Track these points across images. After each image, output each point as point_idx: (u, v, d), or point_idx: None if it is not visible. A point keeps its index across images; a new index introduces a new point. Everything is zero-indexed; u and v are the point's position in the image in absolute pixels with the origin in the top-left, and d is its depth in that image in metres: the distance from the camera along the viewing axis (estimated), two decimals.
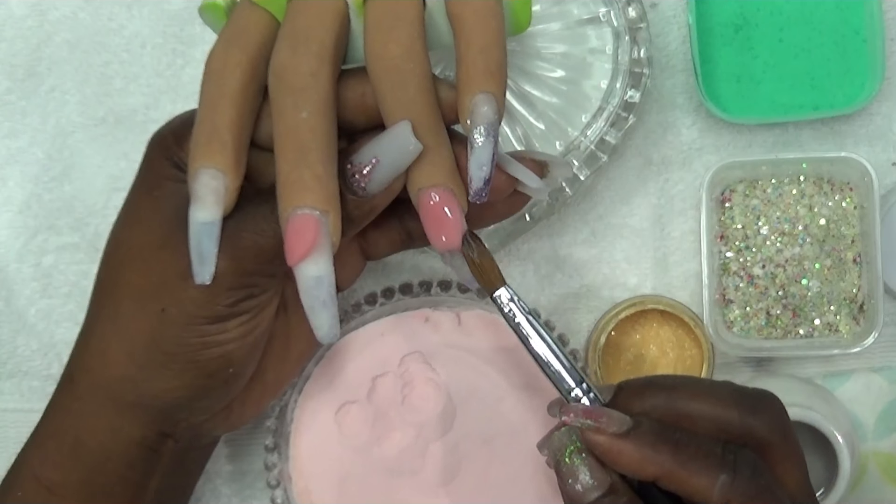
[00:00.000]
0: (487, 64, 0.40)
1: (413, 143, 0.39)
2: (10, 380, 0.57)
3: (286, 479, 0.51)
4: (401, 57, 0.39)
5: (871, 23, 0.55)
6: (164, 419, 0.43)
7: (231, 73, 0.40)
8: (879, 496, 0.56)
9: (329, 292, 0.39)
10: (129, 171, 0.56)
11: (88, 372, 0.43)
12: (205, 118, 0.40)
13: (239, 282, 0.41)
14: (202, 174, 0.40)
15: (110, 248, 0.44)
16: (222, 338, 0.42)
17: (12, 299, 0.57)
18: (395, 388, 0.51)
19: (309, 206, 0.38)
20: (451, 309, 0.52)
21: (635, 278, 0.57)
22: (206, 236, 0.40)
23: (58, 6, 0.57)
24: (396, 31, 0.39)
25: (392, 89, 0.39)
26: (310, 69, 0.39)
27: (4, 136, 0.57)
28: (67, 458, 0.43)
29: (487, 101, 0.39)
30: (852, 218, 0.55)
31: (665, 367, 0.55)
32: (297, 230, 0.38)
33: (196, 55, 0.57)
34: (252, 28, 0.41)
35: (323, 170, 0.39)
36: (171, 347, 0.41)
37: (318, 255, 0.39)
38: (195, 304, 0.41)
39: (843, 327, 0.55)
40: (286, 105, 0.39)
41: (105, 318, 0.43)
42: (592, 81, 0.53)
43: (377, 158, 0.39)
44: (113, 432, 0.43)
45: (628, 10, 0.52)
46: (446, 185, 0.40)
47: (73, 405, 0.43)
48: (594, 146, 0.52)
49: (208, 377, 0.43)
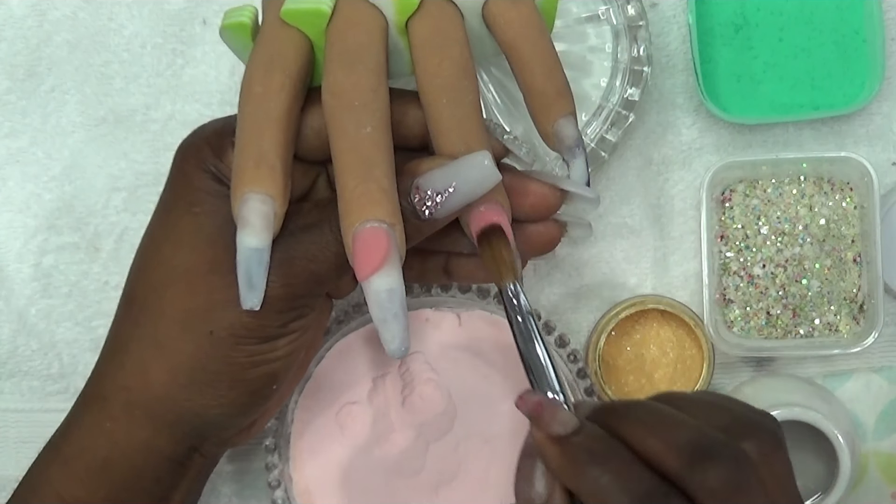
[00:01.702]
0: (556, 88, 0.42)
1: (494, 175, 0.39)
2: (10, 380, 0.57)
3: (287, 480, 0.51)
4: (455, 74, 0.40)
5: (871, 23, 0.55)
6: (197, 435, 0.43)
7: (276, 97, 0.40)
8: (879, 496, 0.56)
9: (401, 304, 0.39)
10: (129, 171, 0.57)
11: (125, 390, 0.42)
12: (250, 142, 0.40)
13: (290, 305, 0.41)
14: (252, 199, 0.39)
15: (148, 265, 0.43)
16: (271, 356, 0.42)
17: (12, 299, 0.57)
18: (395, 389, 0.51)
19: (378, 219, 0.38)
20: (451, 309, 0.52)
21: (635, 278, 0.57)
22: (255, 263, 0.40)
23: (58, 6, 0.57)
24: (448, 49, 0.41)
25: (448, 105, 0.40)
26: (370, 85, 0.40)
27: (4, 136, 0.57)
28: (95, 477, 0.42)
29: (568, 123, 0.42)
30: (852, 218, 0.55)
31: (665, 367, 0.55)
32: (367, 244, 0.38)
33: (196, 55, 0.57)
34: (290, 49, 0.41)
35: (388, 183, 0.39)
36: (219, 367, 0.41)
37: (390, 268, 0.38)
38: (246, 327, 0.41)
39: (843, 327, 0.55)
40: (347, 122, 0.39)
41: (144, 339, 0.42)
42: (592, 79, 0.53)
43: (455, 187, 0.39)
44: (146, 450, 0.42)
45: (627, 7, 0.52)
46: (497, 200, 0.41)
47: (105, 424, 0.42)
48: (594, 144, 0.52)
49: (252, 394, 0.42)
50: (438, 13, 0.41)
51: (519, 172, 0.44)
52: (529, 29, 0.42)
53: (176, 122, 0.57)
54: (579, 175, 0.43)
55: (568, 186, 0.43)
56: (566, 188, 0.43)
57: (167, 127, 0.57)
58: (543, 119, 0.42)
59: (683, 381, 0.55)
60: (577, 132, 0.43)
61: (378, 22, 0.41)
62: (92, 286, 0.57)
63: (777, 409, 0.51)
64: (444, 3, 0.42)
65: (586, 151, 0.43)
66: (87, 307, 0.57)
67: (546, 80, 0.42)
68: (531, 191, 0.43)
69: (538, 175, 0.43)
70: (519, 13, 0.42)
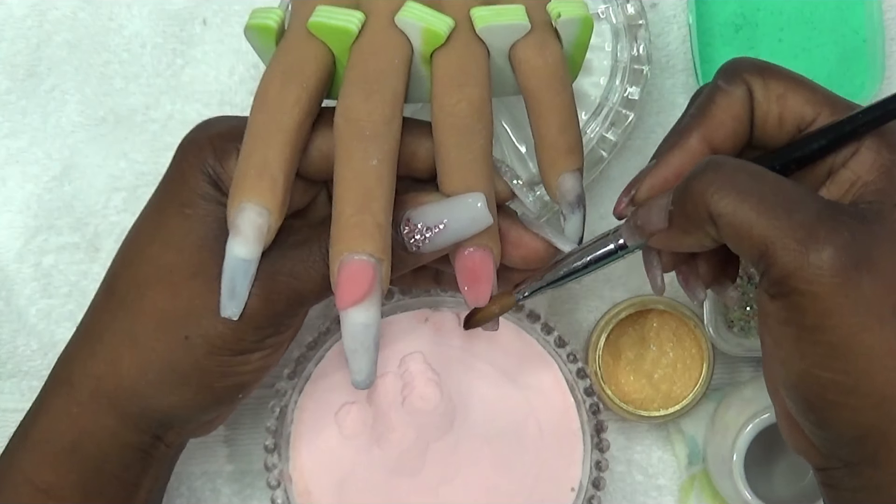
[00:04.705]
0: (568, 143, 0.42)
1: (486, 218, 0.39)
2: (10, 380, 0.57)
3: (286, 480, 0.51)
4: (471, 116, 0.40)
5: (871, 23, 0.55)
6: (160, 426, 0.43)
7: (290, 109, 0.40)
8: None
9: (374, 339, 0.39)
10: (129, 171, 0.57)
11: (94, 379, 0.42)
12: (256, 150, 0.40)
13: (268, 321, 0.41)
14: (248, 209, 0.39)
15: (133, 260, 0.43)
16: (243, 369, 0.42)
17: (12, 299, 0.57)
18: (395, 389, 0.51)
19: (368, 252, 0.38)
20: (451, 309, 0.52)
21: (635, 278, 0.57)
22: (241, 273, 0.40)
23: (58, 6, 0.57)
24: (468, 88, 0.40)
25: (458, 145, 0.40)
26: (383, 117, 0.39)
27: (4, 136, 0.57)
28: (64, 461, 0.43)
29: (573, 178, 0.42)
30: None
31: (665, 367, 0.55)
32: (352, 275, 0.38)
33: (196, 55, 0.57)
34: (310, 63, 0.41)
35: (384, 219, 0.39)
36: (189, 372, 0.41)
37: (370, 303, 0.38)
38: (221, 337, 0.41)
39: None
40: (355, 150, 0.39)
41: (119, 332, 0.42)
42: (592, 79, 0.53)
43: (445, 224, 0.39)
44: (111, 437, 0.43)
45: (627, 6, 0.52)
46: (487, 246, 0.41)
47: (72, 409, 0.43)
48: (595, 144, 0.52)
49: (217, 401, 0.43)
50: (464, 50, 0.41)
51: (517, 221, 0.43)
52: (553, 80, 0.42)
53: (176, 122, 0.57)
54: (574, 231, 0.43)
55: (563, 246, 0.43)
56: (560, 248, 0.43)
57: (167, 127, 0.57)
58: (550, 170, 0.42)
59: (683, 381, 0.55)
60: (581, 189, 0.43)
61: (403, 50, 0.41)
62: (92, 286, 0.56)
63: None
64: (471, 40, 0.41)
65: (585, 210, 0.43)
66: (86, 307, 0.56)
67: (559, 134, 0.42)
68: (525, 243, 0.43)
69: (536, 227, 0.43)
70: (545, 63, 0.42)
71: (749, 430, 0.51)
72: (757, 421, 0.51)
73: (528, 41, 0.42)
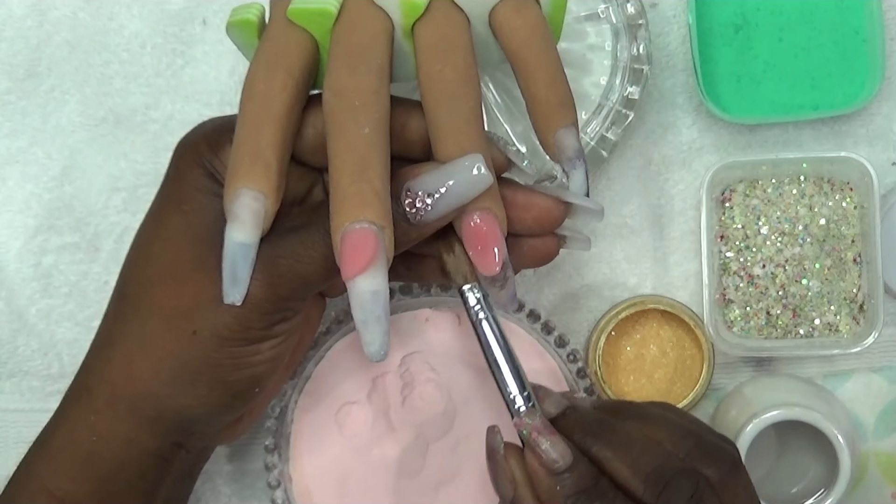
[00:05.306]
0: (559, 97, 0.42)
1: (486, 177, 0.39)
2: (10, 380, 0.57)
3: (286, 480, 0.51)
4: (457, 81, 0.40)
5: (871, 23, 0.55)
6: (180, 431, 0.43)
7: (277, 95, 0.40)
8: (879, 496, 0.56)
9: (384, 307, 0.39)
10: (129, 171, 0.57)
11: (110, 385, 0.42)
12: (248, 138, 0.40)
13: (274, 307, 0.41)
14: (244, 195, 0.39)
15: (138, 262, 0.43)
16: (254, 359, 0.42)
17: (12, 299, 0.57)
18: (395, 389, 0.51)
19: (368, 220, 0.38)
20: (451, 309, 0.52)
21: (635, 278, 0.57)
22: (241, 258, 0.40)
23: (58, 6, 0.57)
24: (452, 55, 0.40)
25: (448, 109, 0.40)
26: (371, 87, 0.39)
27: (4, 136, 0.57)
28: (80, 469, 0.42)
29: (569, 134, 0.42)
30: (852, 218, 0.55)
31: (665, 367, 0.55)
32: (355, 244, 0.38)
33: (196, 55, 0.57)
34: (294, 49, 0.41)
35: (381, 186, 0.39)
36: (201, 367, 0.41)
37: (376, 270, 0.38)
38: (228, 328, 0.41)
39: (843, 327, 0.55)
40: (346, 121, 0.39)
41: (130, 335, 0.42)
42: (592, 78, 0.53)
43: (446, 188, 0.39)
44: (129, 443, 0.42)
45: (627, 6, 0.52)
46: (490, 209, 0.41)
47: (89, 418, 0.42)
48: (595, 143, 0.52)
49: (234, 396, 0.42)
50: (444, 19, 0.41)
51: (521, 186, 0.43)
52: (535, 37, 0.42)
53: (176, 122, 0.57)
54: (579, 186, 0.43)
55: (572, 199, 0.43)
56: (570, 201, 0.43)
57: (167, 127, 0.57)
58: (544, 129, 0.42)
59: (683, 381, 0.55)
60: (578, 143, 0.42)
61: (384, 25, 0.41)
62: (92, 286, 0.57)
63: (777, 409, 0.51)
64: (450, 8, 0.42)
65: (587, 163, 0.43)
66: (87, 307, 0.57)
67: (549, 90, 0.42)
68: (535, 204, 0.43)
69: (541, 188, 0.43)
70: (525, 21, 0.42)
71: (749, 430, 0.51)
72: (757, 421, 0.51)
73: (507, 4, 0.42)
